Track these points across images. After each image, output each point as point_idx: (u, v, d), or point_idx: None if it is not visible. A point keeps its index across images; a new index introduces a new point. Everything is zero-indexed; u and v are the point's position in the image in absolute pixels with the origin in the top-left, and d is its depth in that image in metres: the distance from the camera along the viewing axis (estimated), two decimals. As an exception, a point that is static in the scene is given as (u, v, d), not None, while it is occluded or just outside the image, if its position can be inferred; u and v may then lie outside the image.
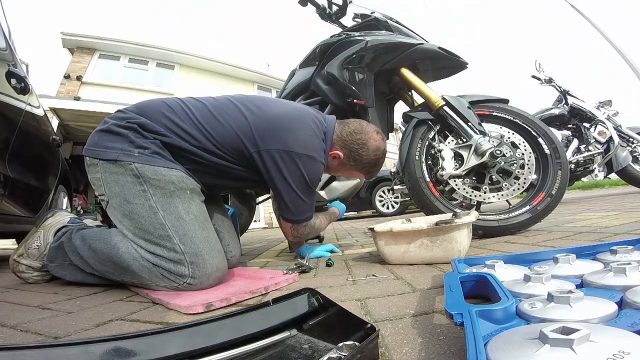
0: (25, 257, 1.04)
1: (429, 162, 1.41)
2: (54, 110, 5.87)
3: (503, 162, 1.32)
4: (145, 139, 0.89)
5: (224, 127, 0.94)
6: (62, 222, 1.08)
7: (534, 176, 1.34)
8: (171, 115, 0.93)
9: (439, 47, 1.44)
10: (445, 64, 1.51)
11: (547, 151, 1.36)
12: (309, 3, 1.65)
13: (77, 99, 6.22)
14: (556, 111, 3.53)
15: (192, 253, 0.82)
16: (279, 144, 0.94)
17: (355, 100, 1.41)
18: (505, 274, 0.58)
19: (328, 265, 1.09)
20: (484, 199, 1.32)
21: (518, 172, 1.32)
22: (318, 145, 1.01)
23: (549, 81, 3.68)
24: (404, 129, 1.51)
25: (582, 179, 3.81)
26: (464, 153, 1.35)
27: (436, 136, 1.41)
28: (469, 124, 1.35)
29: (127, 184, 0.86)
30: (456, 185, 1.33)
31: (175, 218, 0.84)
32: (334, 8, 1.66)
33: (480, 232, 1.33)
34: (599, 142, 3.34)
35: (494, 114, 1.42)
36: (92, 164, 0.91)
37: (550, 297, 0.38)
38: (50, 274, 1.04)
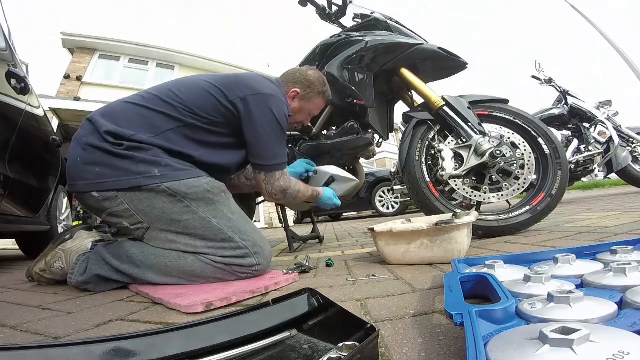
0: (49, 274, 1.02)
1: (429, 163, 1.41)
2: (54, 111, 5.88)
3: (503, 163, 1.32)
4: (147, 152, 0.88)
5: (193, 92, 0.97)
6: (85, 248, 1.00)
7: (534, 176, 1.33)
8: (146, 113, 0.93)
9: (439, 48, 1.44)
10: (445, 64, 1.51)
11: (547, 151, 1.36)
12: (309, 3, 1.65)
13: (77, 99, 6.23)
14: (556, 111, 3.53)
15: (252, 244, 0.90)
16: (245, 89, 0.99)
17: (355, 101, 1.41)
18: (505, 274, 0.58)
19: (328, 265, 1.09)
20: (484, 199, 1.32)
21: (518, 172, 1.31)
22: (277, 87, 1.09)
23: (549, 81, 3.68)
24: (404, 129, 1.50)
25: (582, 179, 3.81)
26: (464, 153, 1.34)
27: (436, 136, 1.41)
28: (469, 124, 1.35)
29: (165, 204, 0.87)
30: (456, 185, 1.33)
31: (227, 220, 0.90)
32: (334, 8, 1.66)
33: (481, 232, 1.33)
34: (599, 142, 3.33)
35: (494, 114, 1.42)
36: (109, 197, 0.88)
37: (550, 298, 0.38)
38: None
